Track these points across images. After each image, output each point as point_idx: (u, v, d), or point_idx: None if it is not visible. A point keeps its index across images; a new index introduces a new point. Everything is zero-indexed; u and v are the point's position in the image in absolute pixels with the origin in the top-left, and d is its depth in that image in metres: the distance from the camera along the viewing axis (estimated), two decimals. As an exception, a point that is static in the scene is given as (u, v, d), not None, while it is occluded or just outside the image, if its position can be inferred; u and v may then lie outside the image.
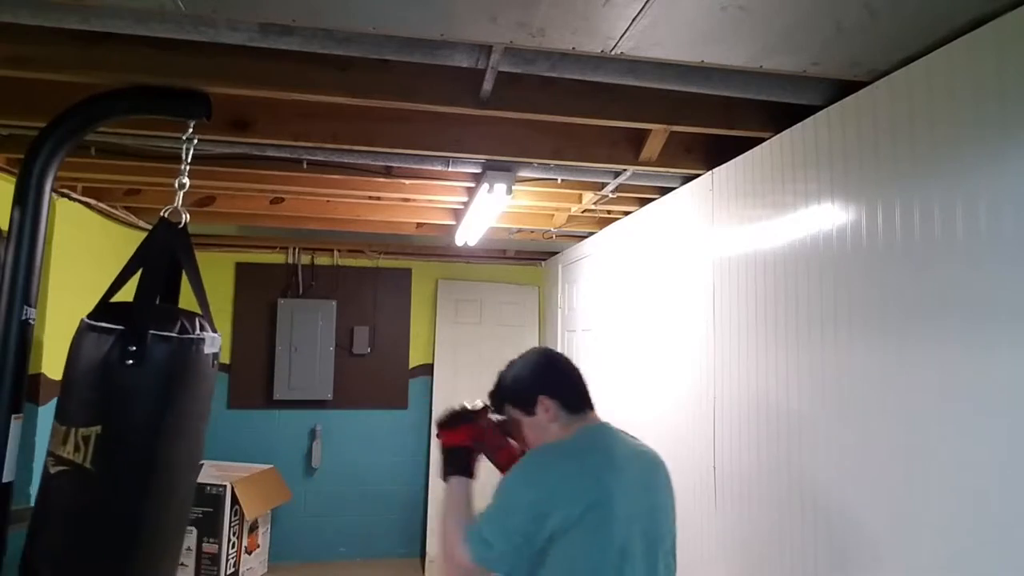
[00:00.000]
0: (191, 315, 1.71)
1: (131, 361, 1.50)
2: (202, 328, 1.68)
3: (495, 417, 1.66)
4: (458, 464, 1.58)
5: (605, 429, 1.62)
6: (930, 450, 1.48)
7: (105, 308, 1.65)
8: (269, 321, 4.87)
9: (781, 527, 2.01)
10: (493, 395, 1.68)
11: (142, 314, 1.58)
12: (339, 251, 5.04)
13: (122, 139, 2.37)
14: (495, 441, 1.63)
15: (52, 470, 1.45)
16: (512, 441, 1.65)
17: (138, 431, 1.52)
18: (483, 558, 1.40)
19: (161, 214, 1.87)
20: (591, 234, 4.11)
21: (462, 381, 5.06)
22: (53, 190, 1.76)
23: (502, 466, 1.60)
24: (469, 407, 1.66)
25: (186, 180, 1.96)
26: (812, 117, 1.94)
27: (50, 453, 1.49)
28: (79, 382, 1.53)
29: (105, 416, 1.48)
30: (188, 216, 1.93)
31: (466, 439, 1.61)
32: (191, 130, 1.94)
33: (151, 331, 1.55)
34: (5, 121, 2.20)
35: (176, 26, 1.55)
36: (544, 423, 1.58)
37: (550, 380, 1.62)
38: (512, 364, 1.69)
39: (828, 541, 1.80)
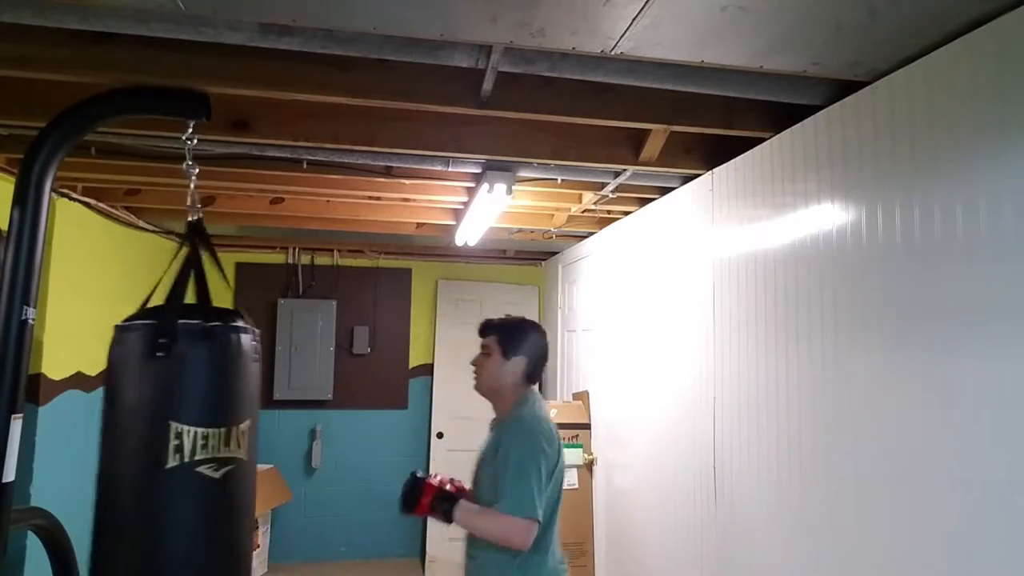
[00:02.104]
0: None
1: (257, 355, 1.63)
2: None
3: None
4: (448, 499, 1.96)
5: (539, 395, 2.14)
6: (930, 450, 1.48)
7: (201, 311, 1.64)
8: (269, 321, 4.87)
9: (781, 527, 2.00)
10: (489, 324, 2.15)
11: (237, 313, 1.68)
12: (339, 251, 5.04)
13: (122, 139, 2.37)
14: (441, 480, 2.06)
15: (217, 475, 1.49)
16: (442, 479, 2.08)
17: (257, 418, 1.68)
18: (536, 509, 1.84)
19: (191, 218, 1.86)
20: (591, 234, 4.11)
21: (462, 381, 5.04)
22: (53, 190, 1.76)
23: (454, 491, 2.04)
24: (407, 484, 2.02)
25: (193, 180, 1.94)
26: (812, 117, 1.94)
27: (206, 461, 1.50)
28: (231, 382, 1.57)
29: (250, 409, 1.60)
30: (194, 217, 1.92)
31: (435, 485, 2.00)
32: (191, 130, 1.93)
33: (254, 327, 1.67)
34: (5, 121, 2.20)
35: (176, 26, 1.56)
36: (508, 370, 2.07)
37: (535, 353, 2.11)
38: (517, 320, 2.18)
39: (829, 542, 1.80)
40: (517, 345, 2.08)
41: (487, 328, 2.14)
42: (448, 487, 2.02)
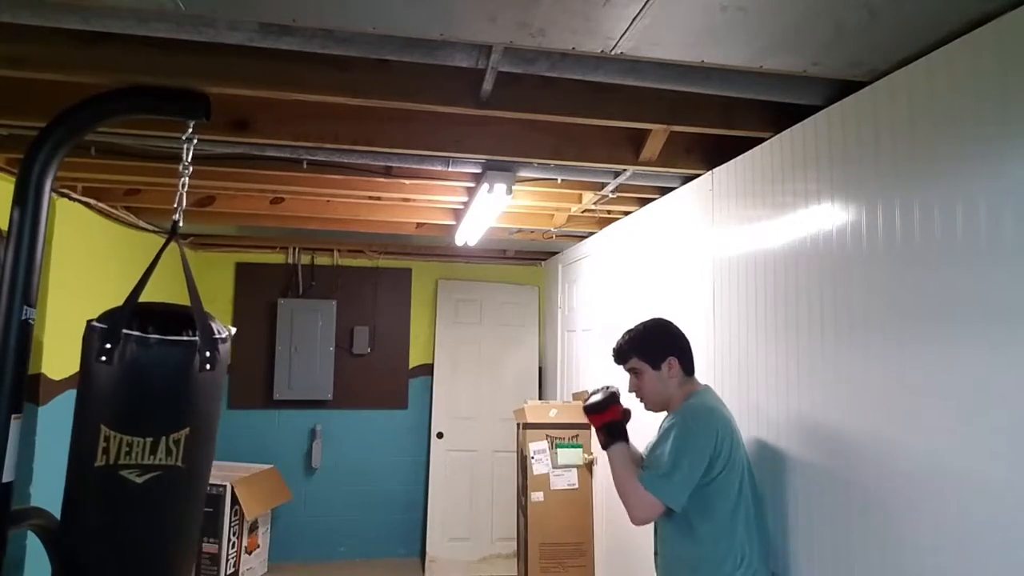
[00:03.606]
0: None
1: (208, 367, 1.66)
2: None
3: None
4: (617, 434, 2.01)
5: (712, 390, 2.09)
6: (929, 450, 1.48)
7: (149, 317, 1.69)
8: (269, 321, 4.88)
9: (779, 529, 2.00)
10: (621, 350, 2.08)
11: (206, 320, 1.70)
12: (339, 251, 5.04)
13: (122, 139, 2.37)
14: (628, 414, 2.10)
15: (139, 480, 1.56)
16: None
17: (212, 425, 1.73)
18: (671, 496, 1.83)
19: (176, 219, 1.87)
20: (591, 234, 4.11)
21: (462, 381, 5.06)
22: (53, 190, 1.77)
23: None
24: (603, 394, 2.07)
25: (186, 181, 1.95)
26: (812, 117, 1.94)
27: (129, 466, 1.57)
28: (164, 393, 1.62)
29: (191, 417, 1.63)
30: (181, 220, 1.93)
31: (618, 415, 2.05)
32: (191, 130, 1.93)
33: (215, 336, 1.70)
34: (5, 121, 2.20)
35: (176, 26, 1.55)
36: (665, 378, 2.02)
37: (678, 345, 2.07)
38: (640, 328, 2.11)
39: (827, 544, 1.80)
40: (660, 350, 2.03)
41: (623, 353, 2.07)
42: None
